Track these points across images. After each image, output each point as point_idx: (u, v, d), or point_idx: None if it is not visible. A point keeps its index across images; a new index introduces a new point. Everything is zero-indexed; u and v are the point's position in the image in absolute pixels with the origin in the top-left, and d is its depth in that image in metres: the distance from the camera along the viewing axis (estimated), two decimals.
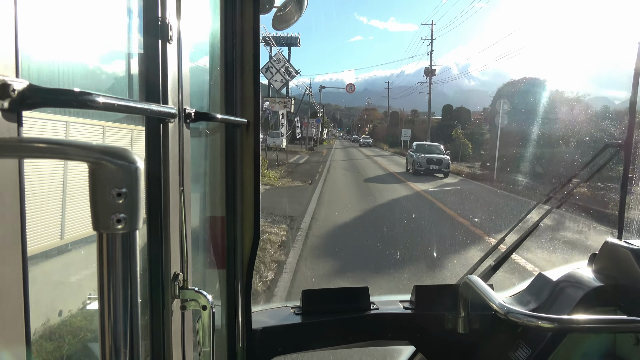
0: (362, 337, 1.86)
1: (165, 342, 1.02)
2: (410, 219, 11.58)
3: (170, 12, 0.95)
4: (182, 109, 1.04)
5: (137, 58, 0.93)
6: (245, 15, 1.45)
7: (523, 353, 1.73)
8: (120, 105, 0.70)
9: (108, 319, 0.50)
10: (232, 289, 1.55)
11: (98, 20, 0.83)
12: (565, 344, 1.68)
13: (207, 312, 1.07)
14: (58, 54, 0.72)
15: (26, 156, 0.54)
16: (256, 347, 1.68)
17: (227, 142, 1.49)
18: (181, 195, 1.05)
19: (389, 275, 6.71)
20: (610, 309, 1.66)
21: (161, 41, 0.93)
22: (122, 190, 0.46)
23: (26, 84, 0.54)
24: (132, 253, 0.49)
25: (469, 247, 8.56)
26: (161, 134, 0.96)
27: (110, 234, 0.48)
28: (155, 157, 0.96)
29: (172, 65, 0.97)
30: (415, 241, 8.98)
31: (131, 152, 0.48)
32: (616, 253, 1.76)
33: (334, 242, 8.79)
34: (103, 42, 0.86)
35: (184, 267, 1.08)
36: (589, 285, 1.70)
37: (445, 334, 1.85)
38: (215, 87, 1.47)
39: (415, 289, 1.94)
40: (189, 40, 1.07)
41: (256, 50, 1.48)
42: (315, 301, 1.87)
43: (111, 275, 0.49)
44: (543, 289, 1.86)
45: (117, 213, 0.47)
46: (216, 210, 1.53)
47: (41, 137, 0.49)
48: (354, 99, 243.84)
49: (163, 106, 0.93)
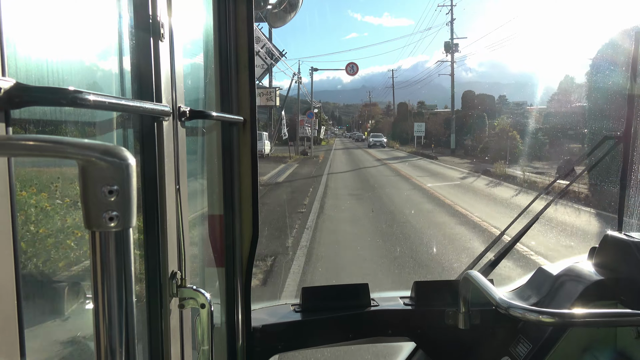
0: (362, 334, 1.86)
1: (163, 341, 1.01)
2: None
3: (162, 9, 0.95)
4: (177, 107, 1.04)
5: (129, 56, 0.92)
6: (239, 12, 1.44)
7: (524, 348, 1.72)
8: (111, 103, 0.69)
9: (103, 318, 0.49)
10: (231, 287, 1.54)
11: (88, 17, 0.82)
12: (566, 338, 1.68)
13: (205, 310, 1.06)
14: (47, 52, 0.71)
15: (15, 154, 0.53)
16: (256, 345, 1.67)
17: (224, 140, 1.48)
18: (177, 194, 1.05)
19: None
20: (611, 302, 1.65)
21: (153, 39, 0.92)
22: (113, 187, 0.46)
23: (13, 83, 0.53)
24: (126, 251, 0.49)
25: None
26: (155, 133, 0.95)
27: (102, 232, 0.47)
28: (150, 156, 0.96)
29: (165, 63, 0.96)
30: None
31: (123, 149, 0.47)
32: (616, 246, 1.76)
33: None
34: (94, 40, 0.85)
35: (182, 265, 1.07)
36: (590, 279, 1.70)
37: (445, 329, 1.85)
38: (211, 85, 1.46)
39: (415, 285, 1.94)
40: (182, 38, 1.06)
41: (251, 47, 1.47)
42: (315, 298, 1.87)
43: (105, 274, 0.48)
44: (543, 284, 1.85)
45: (110, 211, 0.46)
46: (214, 208, 1.53)
47: (30, 135, 0.48)
48: (353, 96, 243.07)
49: (156, 104, 0.92)
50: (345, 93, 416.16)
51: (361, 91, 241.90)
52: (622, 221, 1.95)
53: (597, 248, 1.84)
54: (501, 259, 2.09)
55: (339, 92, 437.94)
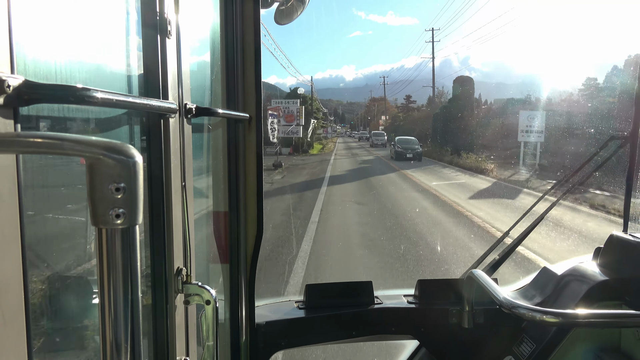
0: (365, 331, 1.86)
1: (169, 337, 1.02)
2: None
3: (169, 7, 0.95)
4: (183, 104, 1.04)
5: (136, 53, 0.92)
6: (245, 10, 1.44)
7: (527, 347, 1.72)
8: (118, 100, 0.70)
9: (109, 314, 0.50)
10: (235, 283, 1.55)
11: (96, 15, 0.83)
12: (570, 338, 1.67)
13: (210, 306, 1.07)
14: (55, 49, 0.72)
15: (23, 151, 0.53)
16: (259, 341, 1.68)
17: (230, 137, 1.49)
18: (183, 190, 1.05)
19: None
20: (615, 303, 1.64)
21: (160, 36, 0.92)
22: (120, 185, 0.46)
23: (22, 80, 0.54)
24: (132, 248, 0.49)
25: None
26: (162, 129, 0.96)
27: (109, 229, 0.47)
28: (156, 153, 0.96)
29: (172, 61, 0.97)
30: None
31: (130, 147, 0.48)
32: (622, 247, 1.75)
33: None
34: (101, 38, 0.85)
35: (187, 262, 1.08)
36: (594, 280, 1.69)
37: (449, 328, 1.85)
38: (217, 82, 1.46)
39: (419, 283, 1.94)
40: (189, 35, 1.07)
41: (257, 44, 1.47)
42: (318, 295, 1.87)
43: (111, 271, 0.49)
44: (548, 283, 1.85)
45: (116, 208, 0.46)
46: (219, 205, 1.53)
47: (38, 132, 0.49)
48: (356, 95, 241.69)
49: (163, 101, 0.92)
50: (348, 91, 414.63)
51: (364, 89, 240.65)
52: (628, 222, 1.94)
53: (602, 248, 1.83)
54: (505, 258, 2.08)
55: (342, 90, 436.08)
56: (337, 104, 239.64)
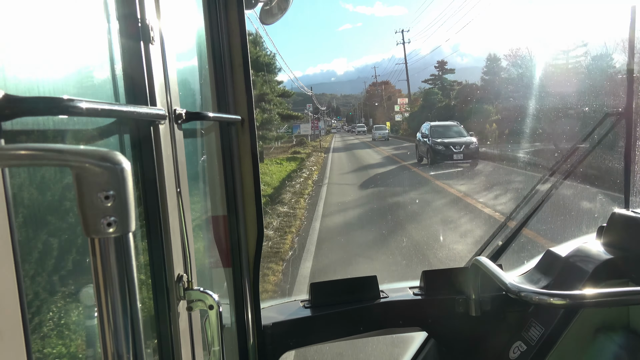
0: (372, 326, 1.86)
1: (173, 344, 1.01)
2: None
3: (150, 13, 0.94)
4: (172, 109, 1.03)
5: (120, 62, 0.91)
6: (230, 11, 1.43)
7: (536, 332, 1.72)
8: (104, 109, 0.68)
9: (108, 324, 0.49)
10: (239, 286, 1.54)
11: (76, 25, 0.82)
12: (579, 319, 1.67)
13: (214, 311, 1.06)
14: (35, 61, 0.70)
15: (8, 164, 0.52)
16: (267, 343, 1.68)
17: (223, 140, 1.48)
18: (179, 196, 1.04)
19: None
20: (622, 281, 1.64)
21: (143, 43, 0.91)
22: (109, 192, 0.45)
23: (1, 94, 0.53)
24: (127, 256, 0.48)
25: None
26: (152, 136, 0.95)
27: (102, 238, 0.46)
28: (148, 160, 0.95)
29: (157, 67, 0.96)
30: None
31: (116, 154, 0.47)
32: (624, 223, 1.74)
33: None
34: (83, 47, 0.84)
35: (188, 268, 1.07)
36: (599, 259, 1.68)
37: (456, 317, 1.84)
38: (206, 86, 1.45)
39: (424, 274, 1.93)
40: (173, 41, 1.06)
41: (244, 45, 1.46)
42: (323, 293, 1.87)
43: (107, 281, 0.48)
44: (552, 266, 1.84)
45: (107, 216, 0.46)
46: (218, 209, 1.52)
47: (20, 145, 0.48)
48: (348, 88, 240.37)
49: (151, 108, 0.91)
50: (341, 85, 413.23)
51: (357, 82, 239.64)
52: (629, 198, 1.93)
53: (605, 227, 1.82)
54: (509, 243, 2.08)
55: (334, 84, 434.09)
56: (331, 98, 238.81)
